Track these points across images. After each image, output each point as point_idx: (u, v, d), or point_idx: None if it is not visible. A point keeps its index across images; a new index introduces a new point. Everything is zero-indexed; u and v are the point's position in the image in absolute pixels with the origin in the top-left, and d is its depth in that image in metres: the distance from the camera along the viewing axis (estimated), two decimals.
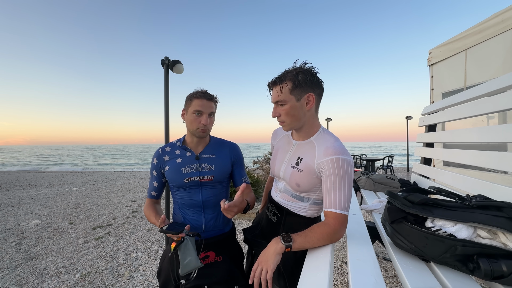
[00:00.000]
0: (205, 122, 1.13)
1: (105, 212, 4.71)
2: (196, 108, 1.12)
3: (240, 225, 3.77)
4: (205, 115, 1.13)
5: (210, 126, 1.19)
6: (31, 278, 2.41)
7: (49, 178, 9.77)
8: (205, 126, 1.14)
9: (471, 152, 1.45)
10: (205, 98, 1.13)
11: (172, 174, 1.16)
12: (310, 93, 0.94)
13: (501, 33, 3.23)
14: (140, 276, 2.40)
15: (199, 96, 1.13)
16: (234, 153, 1.29)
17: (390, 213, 0.92)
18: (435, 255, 0.79)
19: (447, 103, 1.84)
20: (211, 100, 1.16)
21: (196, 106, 1.12)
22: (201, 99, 1.13)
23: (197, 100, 1.12)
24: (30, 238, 3.44)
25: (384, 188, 1.99)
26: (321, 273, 0.75)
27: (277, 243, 0.85)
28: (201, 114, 1.13)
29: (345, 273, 2.39)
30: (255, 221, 1.30)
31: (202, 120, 1.12)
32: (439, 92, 4.35)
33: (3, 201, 5.68)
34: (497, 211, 0.78)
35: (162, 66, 3.00)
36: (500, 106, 1.19)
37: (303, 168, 0.97)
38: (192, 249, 0.94)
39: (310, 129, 1.02)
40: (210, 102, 1.15)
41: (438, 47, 4.38)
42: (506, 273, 0.67)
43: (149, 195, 1.24)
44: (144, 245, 3.13)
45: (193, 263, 0.92)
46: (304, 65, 0.95)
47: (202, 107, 1.12)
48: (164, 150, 1.22)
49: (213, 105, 1.17)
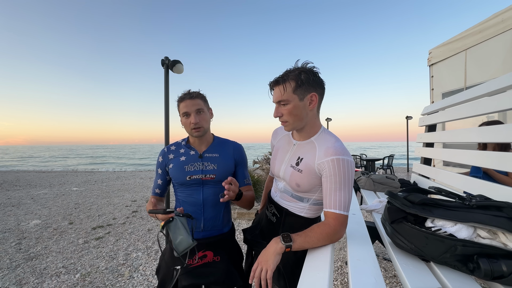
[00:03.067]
0: (194, 120, 1.14)
1: (105, 212, 4.70)
2: (183, 110, 1.16)
3: (240, 225, 3.77)
4: (192, 114, 1.15)
5: (204, 123, 1.18)
6: (31, 278, 2.41)
7: (49, 178, 9.77)
8: (195, 125, 1.15)
9: (471, 152, 1.45)
10: (187, 98, 1.16)
11: (175, 171, 1.19)
12: (313, 93, 0.94)
13: (501, 33, 3.23)
14: (140, 276, 2.40)
15: (182, 99, 1.17)
16: (238, 154, 1.30)
17: (390, 213, 0.92)
18: (435, 255, 0.79)
19: (447, 103, 1.84)
20: (195, 98, 1.17)
21: (182, 109, 1.16)
22: (184, 101, 1.16)
23: (182, 103, 1.17)
24: (30, 238, 3.44)
25: (384, 188, 1.99)
26: (321, 273, 0.75)
27: (277, 243, 0.85)
28: (188, 114, 1.16)
29: (345, 273, 2.39)
30: (255, 221, 1.30)
31: (191, 120, 1.15)
32: (439, 92, 4.36)
33: (3, 201, 5.68)
34: (497, 211, 0.78)
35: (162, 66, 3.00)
36: (500, 106, 1.19)
37: (303, 168, 0.97)
38: (183, 228, 0.92)
39: (311, 129, 1.02)
40: (194, 100, 1.16)
41: (438, 47, 4.38)
42: (506, 273, 0.67)
43: (153, 192, 1.27)
44: (144, 245, 3.13)
45: (185, 242, 0.90)
46: (306, 65, 0.95)
47: (187, 108, 1.15)
48: (170, 148, 1.26)
49: (199, 102, 1.18)
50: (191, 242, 0.91)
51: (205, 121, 1.19)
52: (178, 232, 0.91)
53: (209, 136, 1.28)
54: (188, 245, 0.90)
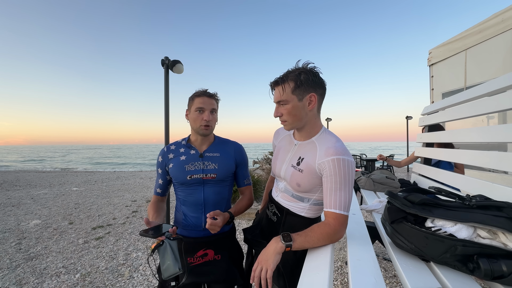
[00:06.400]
0: (207, 118, 1.16)
1: (105, 212, 4.70)
2: (197, 105, 1.16)
3: (240, 225, 3.77)
4: (206, 111, 1.17)
5: (213, 124, 1.22)
6: (31, 278, 2.41)
7: (49, 178, 9.77)
8: (207, 122, 1.17)
9: (471, 152, 1.45)
10: (205, 95, 1.19)
11: (175, 171, 1.19)
12: (312, 93, 0.94)
13: (501, 33, 3.23)
14: (140, 276, 2.40)
15: (200, 94, 1.19)
16: (238, 154, 1.30)
17: (390, 213, 0.92)
18: (435, 255, 0.79)
19: (447, 103, 1.84)
20: (212, 98, 1.20)
21: (197, 104, 1.17)
22: (202, 97, 1.18)
23: (199, 98, 1.18)
24: (30, 238, 3.44)
25: (384, 188, 1.99)
26: (321, 273, 0.75)
27: (277, 242, 0.85)
28: (203, 110, 1.17)
29: (345, 273, 2.39)
30: (255, 221, 1.30)
31: (204, 116, 1.16)
32: (439, 92, 4.36)
33: (3, 201, 5.68)
34: (497, 211, 0.78)
35: (162, 66, 3.00)
36: (500, 106, 1.19)
37: (304, 168, 0.97)
38: (171, 254, 0.91)
39: (312, 129, 1.02)
40: (211, 99, 1.19)
41: (438, 47, 4.38)
42: (506, 273, 0.67)
43: (155, 191, 1.29)
44: (144, 245, 3.13)
45: (171, 269, 0.89)
46: (307, 65, 0.95)
47: (203, 104, 1.17)
48: (169, 148, 1.26)
49: (214, 103, 1.21)
50: (177, 270, 0.89)
51: (214, 122, 1.22)
52: (167, 257, 0.90)
53: (211, 135, 1.29)
54: (174, 272, 0.89)
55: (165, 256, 0.91)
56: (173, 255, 0.91)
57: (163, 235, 0.94)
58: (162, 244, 0.92)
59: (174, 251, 0.92)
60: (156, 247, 0.92)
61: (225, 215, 1.11)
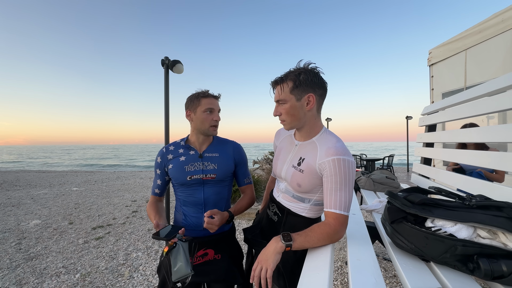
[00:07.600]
0: (218, 118, 1.21)
1: (105, 212, 4.70)
2: (207, 106, 1.18)
3: (240, 225, 3.77)
4: (216, 112, 1.21)
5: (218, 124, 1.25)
6: (31, 278, 2.41)
7: (49, 178, 9.77)
8: (217, 122, 1.21)
9: (471, 152, 1.45)
10: (213, 97, 1.22)
11: (175, 172, 1.19)
12: (311, 94, 0.94)
13: (501, 33, 3.23)
14: (140, 276, 2.40)
15: (207, 95, 1.21)
16: (237, 153, 1.31)
17: (390, 213, 0.92)
18: (435, 255, 0.79)
19: (447, 103, 1.84)
20: (218, 99, 1.25)
21: (207, 105, 1.18)
22: (209, 98, 1.20)
23: (207, 99, 1.19)
24: (30, 238, 3.44)
25: (384, 188, 1.99)
26: (321, 273, 0.75)
27: (277, 242, 0.85)
28: (212, 111, 1.19)
29: (345, 273, 2.39)
30: (256, 220, 1.30)
31: (215, 117, 1.20)
32: (439, 92, 4.36)
33: (3, 201, 5.68)
34: (497, 211, 0.78)
35: (162, 66, 3.00)
36: (500, 106, 1.19)
37: (305, 168, 0.97)
38: (183, 255, 0.92)
39: (312, 130, 1.02)
40: (217, 101, 1.24)
41: (438, 47, 4.38)
42: (506, 273, 0.67)
43: (153, 192, 1.28)
44: (144, 245, 3.13)
45: (183, 270, 0.90)
46: (308, 65, 0.95)
47: (213, 105, 1.20)
48: (168, 149, 1.26)
49: (219, 104, 1.26)
50: (188, 271, 0.90)
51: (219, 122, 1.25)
52: (179, 258, 0.91)
53: (211, 136, 1.29)
54: (185, 274, 0.90)
55: (177, 258, 0.92)
56: (185, 256, 0.92)
57: (175, 237, 0.95)
58: (175, 246, 0.93)
59: (185, 253, 0.93)
60: (170, 249, 0.93)
61: (224, 214, 1.12)
